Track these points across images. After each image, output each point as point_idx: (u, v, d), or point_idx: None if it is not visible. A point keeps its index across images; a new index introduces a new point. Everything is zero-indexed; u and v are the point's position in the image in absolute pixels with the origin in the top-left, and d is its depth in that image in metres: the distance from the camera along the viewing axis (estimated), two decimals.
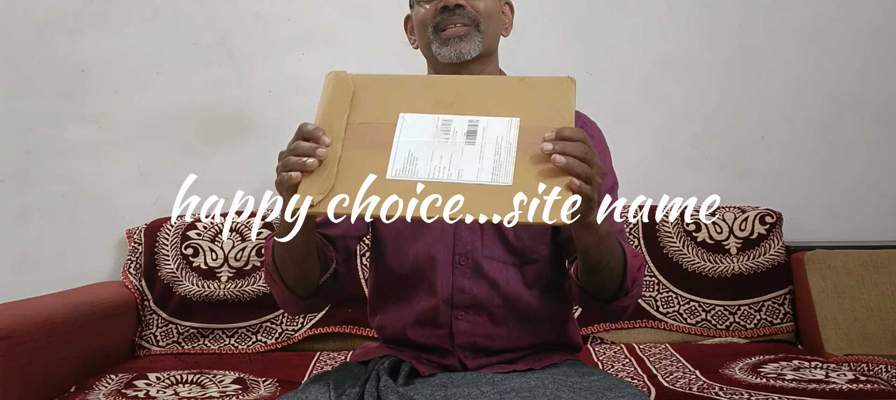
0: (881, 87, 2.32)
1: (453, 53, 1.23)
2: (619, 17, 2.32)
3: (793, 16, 2.32)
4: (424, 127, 1.02)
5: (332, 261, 1.22)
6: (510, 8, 1.36)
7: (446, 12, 1.23)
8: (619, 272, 1.14)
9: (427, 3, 1.27)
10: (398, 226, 1.27)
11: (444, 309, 1.24)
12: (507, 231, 1.25)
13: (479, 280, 1.24)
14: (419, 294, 1.26)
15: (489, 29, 1.26)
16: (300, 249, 1.13)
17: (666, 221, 2.12)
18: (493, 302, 1.24)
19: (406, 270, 1.27)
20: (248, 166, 2.29)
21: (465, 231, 1.25)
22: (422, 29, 1.28)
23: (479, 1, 1.25)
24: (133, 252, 2.13)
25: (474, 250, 1.24)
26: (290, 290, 1.19)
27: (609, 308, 1.19)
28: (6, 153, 2.29)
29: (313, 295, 1.21)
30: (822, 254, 2.01)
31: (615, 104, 2.31)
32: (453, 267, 1.24)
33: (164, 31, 2.30)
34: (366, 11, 2.27)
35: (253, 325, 2.06)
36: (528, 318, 1.26)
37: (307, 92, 2.31)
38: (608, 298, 1.18)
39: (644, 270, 1.26)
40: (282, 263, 1.17)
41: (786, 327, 2.05)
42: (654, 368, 1.77)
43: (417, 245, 1.26)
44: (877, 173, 2.32)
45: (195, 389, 1.67)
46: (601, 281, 1.15)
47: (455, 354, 1.24)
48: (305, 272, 1.17)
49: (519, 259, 1.26)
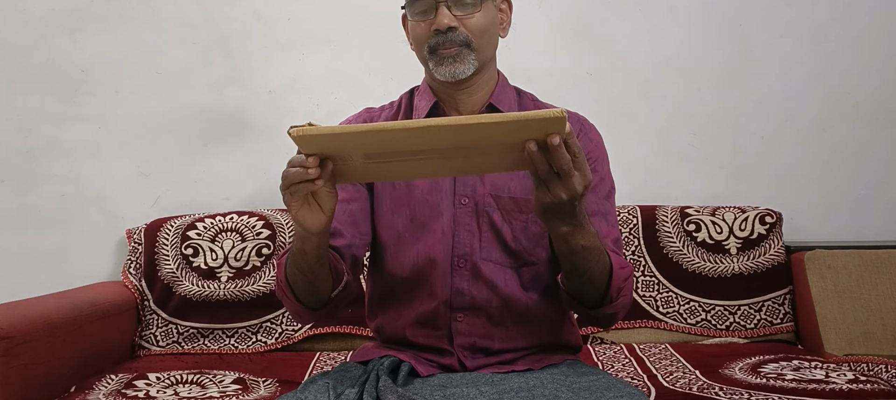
0: (881, 87, 2.32)
1: (448, 73, 1.23)
2: (619, 17, 2.32)
3: (793, 16, 2.32)
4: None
5: (343, 274, 1.22)
6: (509, 6, 1.34)
7: (440, 35, 1.22)
8: (601, 281, 1.16)
9: (420, 19, 1.25)
10: (399, 228, 1.27)
11: (444, 311, 1.25)
12: (506, 233, 1.25)
13: (477, 282, 1.25)
14: (419, 296, 1.27)
15: (483, 44, 1.25)
16: (312, 266, 1.14)
17: (665, 221, 2.12)
18: (492, 303, 1.25)
19: (406, 274, 1.27)
20: (248, 166, 2.29)
21: (463, 233, 1.25)
22: (417, 44, 1.27)
23: (470, 19, 1.23)
24: (133, 252, 2.13)
25: (472, 252, 1.25)
26: (303, 303, 1.22)
27: (594, 315, 1.21)
28: (6, 153, 2.29)
29: (325, 306, 1.23)
30: (822, 254, 2.01)
31: (615, 104, 2.31)
32: (452, 269, 1.25)
33: (164, 31, 2.30)
34: (366, 11, 2.27)
35: (253, 325, 2.06)
36: (527, 319, 1.26)
37: (307, 92, 2.31)
38: (592, 304, 1.20)
39: (632, 282, 1.26)
40: (294, 280, 1.19)
41: (786, 327, 2.05)
42: (654, 368, 1.77)
43: (417, 247, 1.26)
44: (877, 173, 2.32)
45: (195, 390, 1.67)
46: (581, 287, 1.17)
47: (454, 354, 1.25)
48: (317, 287, 1.19)
49: (517, 261, 1.26)
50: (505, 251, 1.26)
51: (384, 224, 1.29)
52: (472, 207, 1.26)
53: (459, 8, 1.22)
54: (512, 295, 1.25)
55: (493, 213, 1.25)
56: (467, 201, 1.26)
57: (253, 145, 2.30)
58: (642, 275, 2.10)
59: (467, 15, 1.22)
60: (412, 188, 1.27)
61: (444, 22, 1.21)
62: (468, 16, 1.22)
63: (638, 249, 2.10)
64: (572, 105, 2.38)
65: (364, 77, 2.29)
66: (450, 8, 1.21)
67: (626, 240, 2.11)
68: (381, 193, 1.29)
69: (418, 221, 1.26)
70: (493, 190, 1.26)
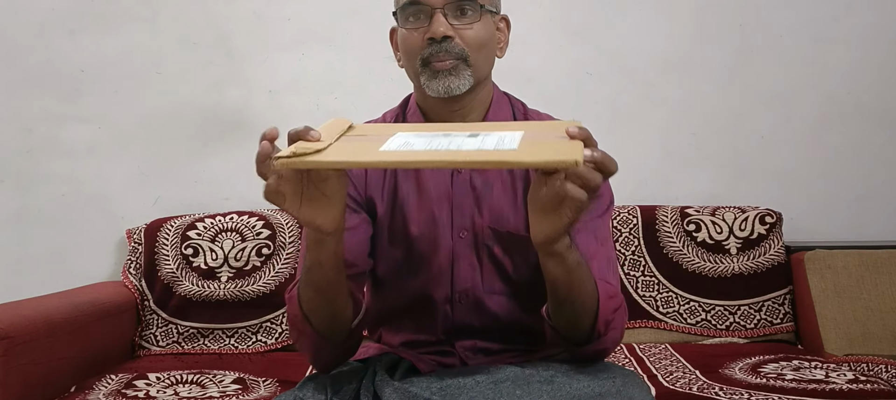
0: (881, 87, 2.32)
1: (442, 88, 1.14)
2: (619, 17, 2.32)
3: (793, 16, 2.32)
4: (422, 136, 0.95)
5: (361, 303, 1.14)
6: (506, 24, 1.26)
7: (434, 45, 1.14)
8: (591, 309, 1.06)
9: (413, 28, 1.16)
10: (397, 261, 1.21)
11: (446, 338, 1.23)
12: (507, 265, 1.20)
13: (480, 314, 1.21)
14: (419, 324, 1.23)
15: (479, 60, 1.16)
16: (331, 280, 1.04)
17: (665, 221, 2.12)
18: (496, 328, 1.22)
19: (406, 305, 1.23)
20: (248, 166, 2.24)
21: (464, 267, 1.20)
22: (409, 56, 1.18)
23: (467, 30, 1.15)
24: (133, 252, 2.13)
25: (475, 287, 1.20)
26: (324, 337, 1.09)
27: (581, 352, 1.10)
28: (6, 153, 2.29)
29: (347, 339, 1.12)
30: (822, 254, 2.01)
31: (615, 104, 2.31)
32: (453, 305, 1.20)
33: (164, 30, 2.30)
34: (366, 11, 2.27)
35: (253, 325, 2.06)
36: (530, 336, 1.24)
37: (307, 92, 2.31)
38: (580, 340, 1.09)
39: (623, 314, 1.14)
40: (312, 308, 1.07)
41: (786, 327, 2.05)
42: (654, 367, 1.77)
43: (416, 283, 1.21)
44: (877, 173, 2.32)
45: (195, 389, 1.67)
46: (571, 317, 1.07)
47: (456, 354, 1.24)
48: (338, 308, 1.08)
49: (520, 289, 1.21)
50: (507, 282, 1.21)
51: (382, 256, 1.22)
52: (470, 241, 1.20)
53: (457, 17, 1.15)
54: (517, 322, 1.22)
55: (494, 246, 1.19)
56: (466, 235, 1.20)
57: (253, 145, 2.24)
58: (642, 275, 2.09)
59: (465, 26, 1.15)
60: (408, 222, 1.21)
61: (440, 30, 1.13)
62: (466, 27, 1.15)
63: (638, 249, 2.10)
64: (572, 105, 2.39)
65: (364, 77, 2.29)
66: (446, 16, 1.14)
67: (626, 240, 2.11)
68: (380, 223, 1.22)
69: (416, 254, 1.20)
70: (492, 222, 1.19)
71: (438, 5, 1.14)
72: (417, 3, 1.16)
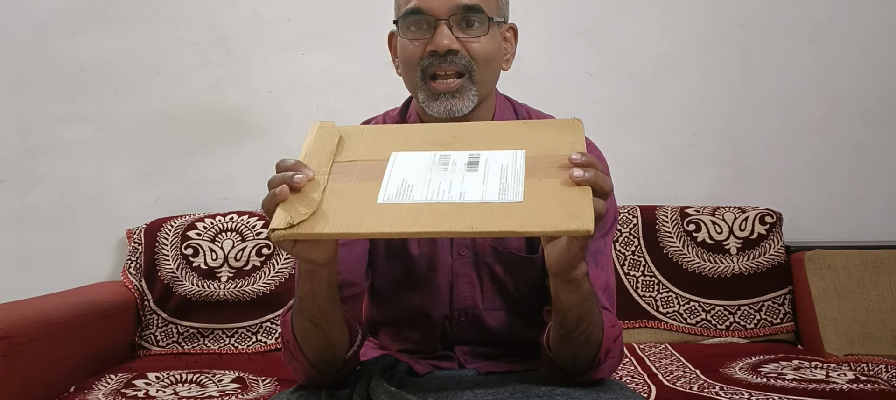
0: (881, 87, 2.32)
1: (444, 110, 1.07)
2: (619, 17, 2.32)
3: (793, 16, 2.32)
4: (419, 161, 0.91)
5: (357, 331, 1.08)
6: (514, 34, 1.18)
7: (437, 56, 1.06)
8: (596, 340, 1.01)
9: (414, 38, 1.09)
10: (394, 277, 1.17)
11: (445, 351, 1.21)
12: (508, 284, 1.16)
13: (479, 330, 1.19)
14: (417, 335, 1.22)
15: (484, 75, 1.09)
16: (325, 310, 0.99)
17: (665, 221, 2.12)
18: (495, 342, 1.21)
19: (403, 317, 1.21)
20: (248, 166, 2.29)
21: (463, 285, 1.16)
22: (408, 68, 1.11)
23: (474, 42, 1.07)
24: (133, 252, 2.13)
25: (475, 306, 1.17)
26: (314, 366, 1.04)
27: (577, 381, 1.05)
28: (6, 153, 2.29)
29: (339, 371, 1.07)
30: (822, 254, 2.01)
31: (615, 104, 2.31)
32: (452, 322, 1.18)
33: (164, 30, 2.30)
34: (366, 11, 2.27)
35: (253, 325, 2.06)
36: (531, 350, 1.23)
37: (307, 92, 2.31)
38: (580, 372, 1.04)
39: (621, 342, 1.10)
40: (304, 336, 1.02)
41: (786, 327, 2.05)
42: (655, 367, 1.77)
43: (415, 300, 1.17)
44: (877, 173, 2.32)
45: (195, 389, 1.67)
46: (576, 349, 1.01)
47: (455, 358, 1.23)
48: (332, 339, 1.03)
49: (521, 306, 1.19)
50: (508, 299, 1.18)
51: (379, 271, 1.18)
52: (470, 259, 1.16)
53: (462, 29, 1.07)
54: (517, 337, 1.20)
55: (495, 265, 1.16)
56: (466, 252, 1.16)
57: (253, 145, 2.30)
58: (642, 275, 2.09)
59: (471, 38, 1.07)
60: (407, 239, 1.17)
61: (444, 43, 1.06)
62: (472, 39, 1.07)
63: (638, 249, 2.10)
64: (572, 105, 2.39)
65: (364, 77, 2.29)
66: (451, 28, 1.06)
67: (626, 240, 2.11)
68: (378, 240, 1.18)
69: (415, 271, 1.16)
70: (493, 241, 1.15)
71: (443, 16, 1.07)
72: (420, 12, 1.08)
